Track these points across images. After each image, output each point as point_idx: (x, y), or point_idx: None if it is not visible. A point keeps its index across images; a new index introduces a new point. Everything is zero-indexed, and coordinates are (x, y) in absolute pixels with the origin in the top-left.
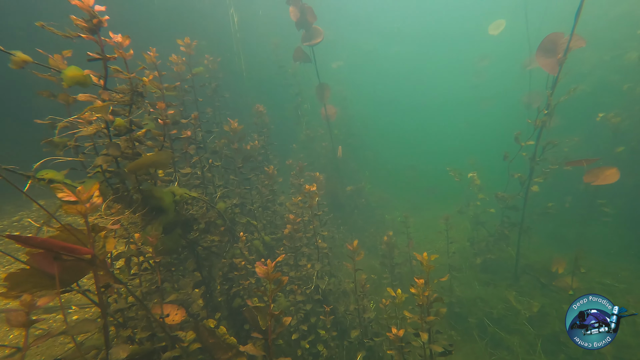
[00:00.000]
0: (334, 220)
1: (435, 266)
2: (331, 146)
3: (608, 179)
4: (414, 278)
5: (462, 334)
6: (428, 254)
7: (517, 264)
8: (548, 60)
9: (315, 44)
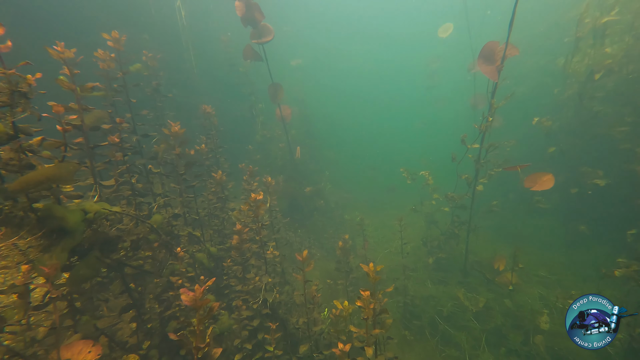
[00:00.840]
0: (291, 224)
1: (391, 266)
2: (289, 147)
3: (545, 185)
4: (360, 290)
5: (415, 334)
6: (384, 255)
7: (466, 261)
8: (488, 67)
9: (265, 42)
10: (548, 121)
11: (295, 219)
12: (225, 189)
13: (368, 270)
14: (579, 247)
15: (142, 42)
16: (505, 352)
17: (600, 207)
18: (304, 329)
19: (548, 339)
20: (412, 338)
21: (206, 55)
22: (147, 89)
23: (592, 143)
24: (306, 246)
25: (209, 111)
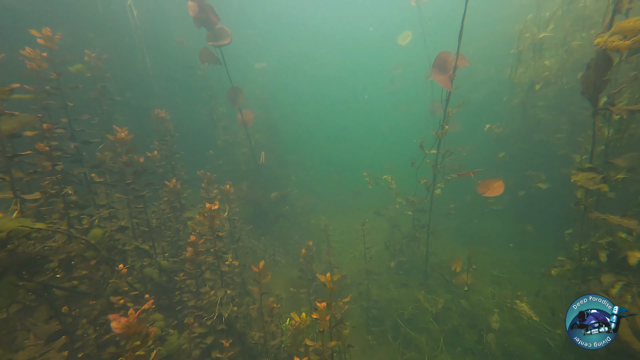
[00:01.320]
0: (255, 231)
1: (355, 271)
2: (252, 152)
3: (495, 191)
4: (316, 302)
5: (378, 338)
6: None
7: (426, 264)
8: (442, 76)
9: (222, 45)
10: (498, 128)
11: (259, 226)
12: (181, 197)
13: (325, 281)
14: (527, 246)
15: (87, 40)
16: (461, 351)
17: (543, 208)
18: (261, 344)
19: (499, 336)
20: (374, 342)
21: (162, 57)
22: (91, 92)
23: (535, 149)
24: (270, 253)
25: (162, 116)
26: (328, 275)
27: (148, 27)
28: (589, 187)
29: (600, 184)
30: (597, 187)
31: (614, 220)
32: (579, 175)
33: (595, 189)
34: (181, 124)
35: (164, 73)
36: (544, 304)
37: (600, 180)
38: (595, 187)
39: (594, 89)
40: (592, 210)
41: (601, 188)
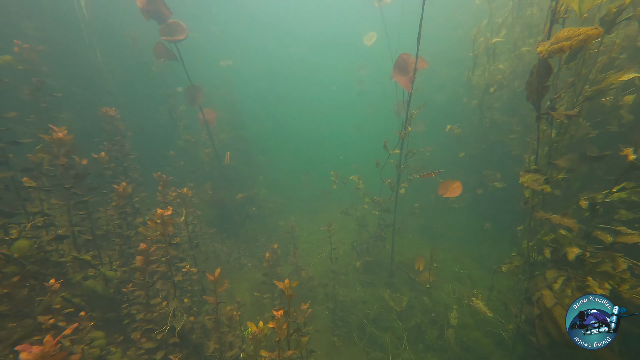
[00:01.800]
0: (219, 234)
1: (323, 272)
2: (216, 152)
3: (454, 192)
4: (272, 310)
5: (344, 339)
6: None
7: (392, 262)
8: (402, 78)
9: (177, 40)
10: (458, 129)
11: (225, 229)
12: (133, 202)
13: (283, 288)
14: (486, 242)
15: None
16: (422, 348)
17: (500, 206)
18: (217, 356)
19: (458, 331)
20: (340, 344)
21: (115, 52)
22: (24, 88)
23: (492, 149)
24: (235, 257)
25: (111, 114)
26: (287, 282)
27: (98, 18)
28: (535, 188)
29: (544, 185)
30: (541, 188)
31: (556, 220)
32: (525, 177)
33: (539, 189)
34: (138, 123)
35: (118, 69)
36: (499, 298)
37: (543, 181)
38: (539, 188)
39: (537, 94)
40: (537, 209)
41: (545, 189)
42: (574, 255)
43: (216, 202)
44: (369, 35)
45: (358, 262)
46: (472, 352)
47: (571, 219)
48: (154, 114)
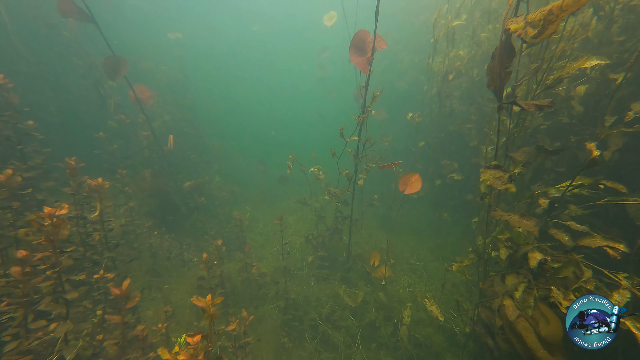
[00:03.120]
0: (157, 228)
1: (277, 267)
2: (156, 135)
3: (414, 186)
4: (186, 336)
5: (294, 339)
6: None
7: (348, 256)
8: (360, 58)
9: None
10: (419, 117)
11: (167, 221)
12: (25, 194)
13: (204, 306)
14: (442, 233)
15: None
16: (375, 346)
17: (457, 196)
18: None
19: (411, 327)
20: (290, 345)
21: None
22: None
23: (450, 138)
24: (177, 252)
25: None
26: (209, 298)
27: None
28: (498, 187)
29: (508, 183)
30: (505, 188)
31: (514, 221)
32: (487, 174)
33: (503, 189)
34: (57, 97)
35: (25, 30)
36: (452, 292)
37: (507, 179)
38: (503, 188)
39: (499, 81)
40: (495, 208)
41: (509, 188)
42: (536, 262)
43: (157, 191)
44: (329, 15)
45: (310, 257)
46: (425, 349)
47: (531, 220)
48: (76, 88)
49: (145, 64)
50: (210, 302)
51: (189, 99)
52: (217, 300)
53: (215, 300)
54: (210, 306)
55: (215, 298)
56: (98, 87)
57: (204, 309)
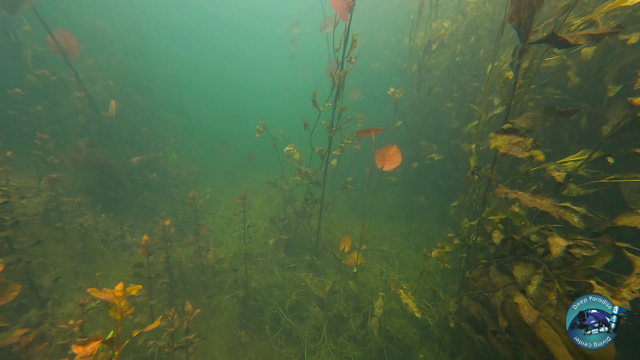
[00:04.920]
0: (95, 205)
1: (234, 254)
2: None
3: (394, 160)
4: (74, 346)
5: (253, 333)
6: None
7: (317, 242)
8: (339, 2)
9: None
10: (400, 93)
11: (109, 199)
12: None
13: (107, 299)
14: (416, 218)
15: None
16: (343, 339)
17: (434, 180)
18: None
19: (382, 319)
20: (248, 339)
21: None
22: None
23: (429, 118)
24: (118, 235)
25: None
26: (119, 287)
27: None
28: (517, 155)
29: (533, 149)
30: (530, 155)
31: (525, 200)
32: (498, 140)
33: (527, 157)
34: None
35: None
36: (427, 282)
37: (531, 145)
38: (527, 155)
39: (528, 10)
40: (496, 184)
41: (536, 156)
42: (560, 250)
43: (95, 164)
44: None
45: (272, 239)
46: (396, 343)
47: (546, 199)
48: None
49: (89, 21)
50: (121, 291)
51: (139, 65)
52: (132, 289)
53: (130, 289)
54: (120, 299)
55: (130, 287)
56: (8, 31)
57: (109, 303)
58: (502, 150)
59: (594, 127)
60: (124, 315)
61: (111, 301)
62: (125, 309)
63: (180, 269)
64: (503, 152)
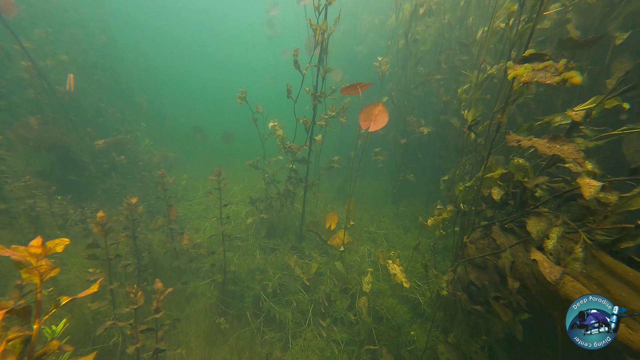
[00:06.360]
0: (48, 188)
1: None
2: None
3: (380, 120)
4: None
5: (233, 319)
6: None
7: (302, 225)
8: None
9: None
10: (386, 64)
11: (68, 183)
12: None
13: (17, 256)
14: (403, 201)
15: None
16: (330, 322)
17: (423, 159)
18: None
19: (371, 299)
20: (227, 326)
21: None
22: None
23: (415, 94)
24: (78, 219)
25: None
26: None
27: None
28: (545, 82)
29: (567, 71)
30: (561, 79)
31: (542, 147)
32: (519, 68)
33: (559, 81)
34: None
35: None
36: (417, 259)
37: (564, 67)
38: (558, 80)
39: None
40: (507, 130)
41: (569, 79)
42: (595, 191)
43: (50, 144)
44: None
45: (251, 218)
46: (386, 323)
47: (569, 144)
48: None
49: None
50: (39, 250)
51: (102, 43)
52: (55, 244)
53: (53, 244)
54: (38, 257)
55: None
56: None
57: (21, 263)
58: (523, 78)
59: (595, 84)
60: (46, 277)
61: (24, 260)
62: (45, 269)
63: (150, 253)
64: (525, 81)
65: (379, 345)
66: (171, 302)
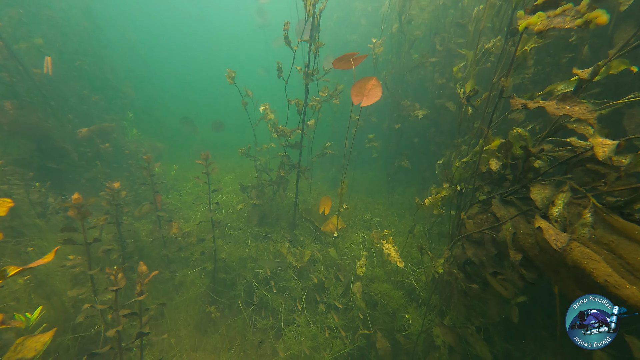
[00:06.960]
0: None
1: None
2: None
3: (373, 94)
4: None
5: (224, 308)
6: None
7: (295, 212)
8: None
9: None
10: (380, 47)
11: (49, 171)
12: None
13: None
14: (398, 189)
15: None
16: (323, 309)
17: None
18: None
19: (365, 285)
20: (218, 315)
21: None
22: None
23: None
24: (57, 209)
25: None
26: None
27: None
28: (565, 26)
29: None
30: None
31: (551, 108)
32: (531, 17)
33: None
34: None
35: None
36: (412, 244)
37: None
38: (581, 22)
39: None
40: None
41: (594, 19)
42: (609, 150)
43: (28, 130)
44: None
45: (241, 204)
46: (380, 309)
47: (580, 104)
48: None
49: None
50: None
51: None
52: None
53: None
54: None
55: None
56: None
57: None
58: (538, 27)
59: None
60: None
61: None
62: None
63: (137, 241)
64: (539, 29)
65: (374, 330)
66: (159, 290)
